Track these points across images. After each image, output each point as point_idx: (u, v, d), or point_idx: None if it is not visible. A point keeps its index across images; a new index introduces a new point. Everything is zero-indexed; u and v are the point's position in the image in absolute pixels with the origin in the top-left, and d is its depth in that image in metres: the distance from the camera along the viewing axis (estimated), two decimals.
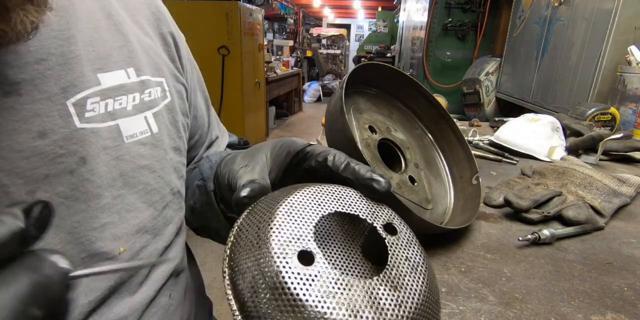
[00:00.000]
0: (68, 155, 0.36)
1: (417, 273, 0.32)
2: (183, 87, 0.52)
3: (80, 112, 0.37)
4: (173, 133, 0.49)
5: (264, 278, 0.27)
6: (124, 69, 0.42)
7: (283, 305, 0.25)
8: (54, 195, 0.35)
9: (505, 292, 0.50)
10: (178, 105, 0.50)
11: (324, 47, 9.97)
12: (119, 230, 0.40)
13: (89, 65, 0.38)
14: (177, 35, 0.53)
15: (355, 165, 0.38)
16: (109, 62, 0.41)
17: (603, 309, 0.47)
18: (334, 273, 0.28)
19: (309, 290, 0.26)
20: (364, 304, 0.27)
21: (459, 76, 3.50)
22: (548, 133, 1.14)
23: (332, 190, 0.35)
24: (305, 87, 8.13)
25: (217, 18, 3.37)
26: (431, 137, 0.77)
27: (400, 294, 0.29)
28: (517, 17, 2.72)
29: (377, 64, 0.66)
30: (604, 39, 1.63)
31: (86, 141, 0.37)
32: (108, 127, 0.39)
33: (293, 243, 0.29)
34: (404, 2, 5.47)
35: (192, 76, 0.57)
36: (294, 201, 0.32)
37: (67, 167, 0.36)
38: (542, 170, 0.87)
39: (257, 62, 4.07)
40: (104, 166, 0.38)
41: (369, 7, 10.94)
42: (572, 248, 0.61)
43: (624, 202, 0.76)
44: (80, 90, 0.37)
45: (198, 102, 0.59)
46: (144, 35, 0.47)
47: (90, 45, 0.39)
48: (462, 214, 0.67)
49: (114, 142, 0.40)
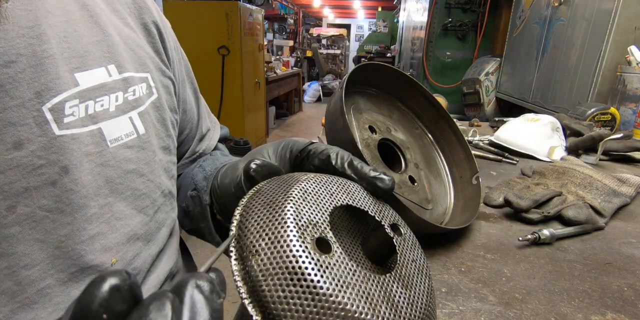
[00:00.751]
0: (48, 165, 0.33)
1: (423, 275, 0.32)
2: (170, 82, 0.49)
3: (58, 118, 0.34)
4: (161, 132, 0.46)
5: (281, 261, 0.25)
6: (104, 67, 0.39)
7: (302, 291, 0.24)
8: (36, 209, 0.33)
9: (505, 292, 0.50)
10: (166, 102, 0.47)
11: (324, 47, 9.97)
12: (108, 241, 0.38)
13: (65, 64, 0.35)
14: (162, 24, 0.49)
15: (358, 164, 0.37)
16: (86, 59, 0.37)
17: (603, 309, 0.47)
18: (351, 264, 0.27)
19: (328, 278, 0.25)
20: (380, 299, 0.26)
21: (459, 76, 3.49)
22: (548, 133, 1.14)
23: (341, 183, 0.34)
24: (305, 87, 8.13)
25: (217, 18, 3.37)
26: (431, 137, 0.77)
27: (412, 293, 0.29)
28: (517, 17, 2.72)
29: (377, 64, 0.66)
30: (604, 39, 1.63)
31: (67, 149, 0.34)
32: (89, 132, 0.36)
33: (311, 228, 0.27)
34: (404, 2, 5.47)
35: (180, 67, 0.53)
36: (307, 187, 0.31)
37: (48, 178, 0.33)
38: (542, 170, 0.87)
39: (257, 62, 4.07)
40: (87, 174, 0.36)
41: (369, 7, 10.94)
42: (572, 248, 0.61)
43: (624, 202, 0.76)
44: (57, 93, 0.34)
45: (187, 95, 0.55)
46: (124, 26, 0.43)
47: (65, 41, 0.35)
48: (462, 214, 0.67)
49: (96, 148, 0.37)
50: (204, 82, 3.33)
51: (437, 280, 0.52)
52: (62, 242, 0.34)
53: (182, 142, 0.57)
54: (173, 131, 0.49)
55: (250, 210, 0.29)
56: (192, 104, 0.57)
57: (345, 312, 0.24)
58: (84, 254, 0.36)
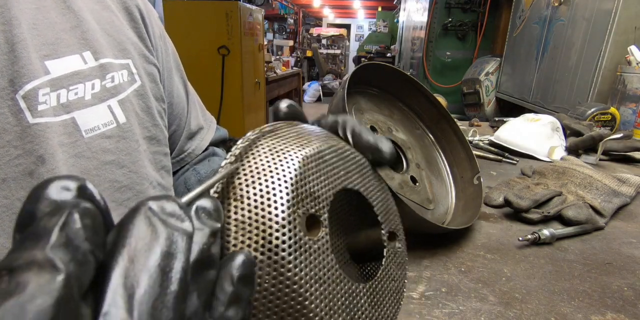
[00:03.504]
0: (25, 155, 0.32)
1: (396, 298, 0.29)
2: (155, 69, 0.47)
3: (31, 106, 0.32)
4: (146, 121, 0.44)
5: (260, 222, 0.21)
6: (79, 54, 0.37)
7: (267, 264, 0.21)
8: (15, 200, 0.32)
9: (505, 292, 0.50)
10: (150, 90, 0.45)
11: (324, 47, 9.96)
12: None
13: (35, 51, 0.33)
14: (146, 10, 0.47)
15: (360, 131, 0.32)
16: (58, 47, 0.36)
17: (603, 309, 0.47)
18: (331, 257, 0.23)
19: (301, 263, 0.21)
20: (342, 309, 0.23)
21: (459, 76, 3.50)
22: (548, 133, 1.14)
23: (361, 164, 0.30)
24: (305, 87, 8.13)
25: (217, 18, 3.37)
26: (432, 137, 0.77)
27: (376, 314, 0.26)
28: (517, 17, 2.72)
29: (379, 64, 0.66)
30: (604, 39, 1.63)
31: (41, 137, 0.33)
32: (62, 122, 0.35)
33: (309, 200, 0.23)
34: (404, 2, 5.47)
35: (167, 57, 0.51)
36: (325, 154, 0.26)
37: (25, 168, 0.32)
38: (542, 170, 0.87)
39: (257, 62, 4.06)
40: (62, 165, 0.35)
41: (369, 7, 10.94)
42: (572, 248, 0.62)
43: (624, 202, 0.76)
44: (29, 80, 0.32)
45: (174, 87, 0.52)
46: (103, 10, 0.41)
47: (34, 28, 0.34)
48: (463, 214, 0.67)
49: (69, 138, 0.35)
50: (204, 82, 3.34)
51: (437, 280, 0.52)
52: None
53: (167, 138, 0.55)
54: (161, 121, 0.47)
55: (255, 149, 0.25)
56: (180, 98, 0.54)
57: (301, 306, 0.21)
58: None
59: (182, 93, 0.54)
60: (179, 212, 0.16)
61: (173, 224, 0.15)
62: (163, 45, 0.50)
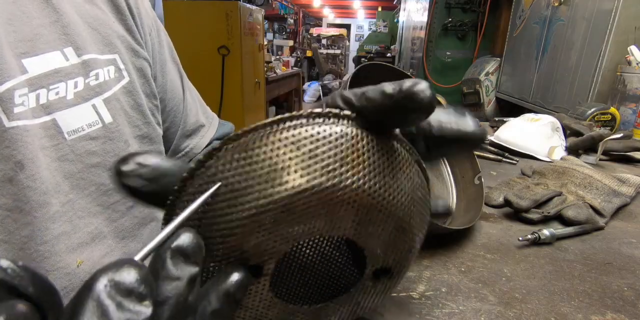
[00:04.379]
0: (3, 160, 0.30)
1: None
2: (146, 63, 0.44)
3: (7, 108, 0.30)
4: (136, 119, 0.41)
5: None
6: (59, 50, 0.35)
7: None
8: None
9: (505, 292, 0.50)
10: (140, 86, 0.42)
11: (324, 47, 9.96)
12: (72, 241, 0.35)
13: (10, 49, 0.31)
14: (135, 0, 0.44)
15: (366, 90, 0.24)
16: (36, 43, 0.33)
17: (603, 309, 0.47)
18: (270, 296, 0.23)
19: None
20: None
21: (459, 76, 3.49)
22: (548, 133, 1.14)
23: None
24: (305, 87, 8.12)
25: (217, 18, 3.37)
26: None
27: None
28: (517, 17, 2.72)
29: (379, 63, 0.66)
30: (604, 39, 1.63)
31: (19, 142, 0.31)
32: (42, 124, 0.33)
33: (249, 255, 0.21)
34: (404, 2, 5.47)
35: (161, 48, 0.48)
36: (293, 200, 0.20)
37: (4, 175, 0.30)
38: (542, 170, 0.87)
39: (257, 62, 4.06)
40: (45, 170, 0.33)
41: (369, 7, 10.94)
42: (572, 248, 0.62)
43: (624, 202, 0.76)
44: (3, 81, 0.30)
45: (168, 81, 0.49)
46: (86, 2, 0.39)
47: (10, 24, 0.32)
48: (464, 214, 0.67)
49: (51, 141, 0.33)
50: (204, 82, 3.34)
51: (437, 280, 0.52)
52: (25, 244, 0.32)
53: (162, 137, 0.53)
54: (153, 118, 0.44)
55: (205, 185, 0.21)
56: (175, 93, 0.51)
57: None
58: (48, 256, 0.33)
59: (178, 87, 0.51)
60: (138, 287, 0.14)
61: (130, 308, 0.13)
62: (156, 36, 0.47)
